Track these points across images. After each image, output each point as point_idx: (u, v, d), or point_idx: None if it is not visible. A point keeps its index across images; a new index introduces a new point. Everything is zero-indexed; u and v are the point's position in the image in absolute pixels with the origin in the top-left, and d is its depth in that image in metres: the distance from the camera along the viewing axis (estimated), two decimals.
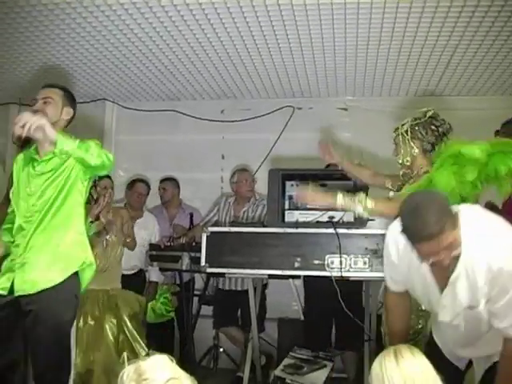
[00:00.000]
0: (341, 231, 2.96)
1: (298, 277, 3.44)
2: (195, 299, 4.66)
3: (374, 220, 2.96)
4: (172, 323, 4.64)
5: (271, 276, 3.28)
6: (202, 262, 3.16)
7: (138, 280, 4.36)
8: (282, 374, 3.47)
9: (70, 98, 2.67)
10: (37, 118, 2.26)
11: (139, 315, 3.77)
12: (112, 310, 3.60)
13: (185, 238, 4.40)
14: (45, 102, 2.56)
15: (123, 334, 3.54)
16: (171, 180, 4.96)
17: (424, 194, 1.98)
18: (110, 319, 3.55)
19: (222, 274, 3.44)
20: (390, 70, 4.40)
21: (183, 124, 5.30)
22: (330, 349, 4.01)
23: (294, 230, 3.07)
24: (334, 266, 2.95)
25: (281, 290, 4.48)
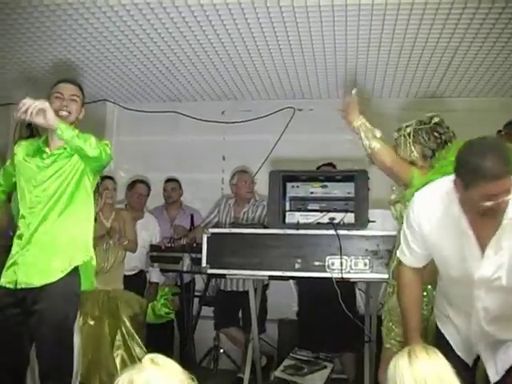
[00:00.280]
0: (341, 232, 2.97)
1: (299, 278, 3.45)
2: (196, 300, 4.67)
3: (374, 222, 2.97)
4: (172, 324, 4.64)
5: (272, 277, 3.29)
6: (203, 263, 3.18)
7: (139, 281, 4.35)
8: (283, 374, 3.48)
9: (84, 99, 2.71)
10: (39, 102, 2.28)
11: (139, 316, 3.78)
12: (112, 310, 3.61)
13: (185, 239, 4.41)
14: (72, 100, 2.58)
15: (121, 334, 3.55)
16: (176, 181, 4.97)
17: (488, 139, 1.96)
18: (109, 320, 3.56)
19: (223, 275, 3.44)
20: (390, 71, 4.40)
21: (184, 125, 5.30)
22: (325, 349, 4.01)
23: (294, 231, 3.08)
24: (335, 267, 2.96)
25: (281, 291, 4.47)
